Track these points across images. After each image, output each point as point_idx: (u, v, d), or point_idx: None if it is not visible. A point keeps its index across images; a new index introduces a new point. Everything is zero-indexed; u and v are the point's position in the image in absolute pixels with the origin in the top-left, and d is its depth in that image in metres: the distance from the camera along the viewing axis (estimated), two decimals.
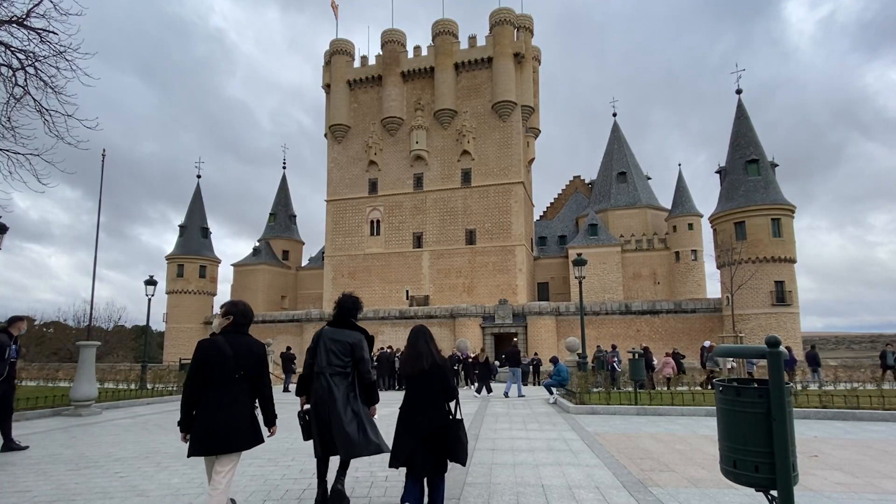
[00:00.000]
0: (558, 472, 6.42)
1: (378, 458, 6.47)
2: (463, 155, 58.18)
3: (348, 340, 4.80)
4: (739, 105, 46.38)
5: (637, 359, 13.81)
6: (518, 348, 20.45)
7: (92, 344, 12.93)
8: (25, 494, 5.53)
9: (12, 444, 8.11)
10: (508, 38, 57.95)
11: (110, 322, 61.87)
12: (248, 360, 4.20)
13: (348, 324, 4.95)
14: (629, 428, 10.10)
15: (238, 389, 4.15)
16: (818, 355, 22.88)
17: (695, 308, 46.48)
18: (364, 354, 4.82)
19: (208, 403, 4.06)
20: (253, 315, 4.52)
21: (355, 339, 4.82)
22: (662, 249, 58.90)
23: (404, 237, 59.08)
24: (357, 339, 4.83)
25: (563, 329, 47.83)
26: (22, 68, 10.04)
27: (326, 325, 5.02)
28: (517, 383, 18.33)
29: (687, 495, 5.45)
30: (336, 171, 62.26)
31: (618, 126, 69.03)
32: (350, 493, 5.35)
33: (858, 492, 5.62)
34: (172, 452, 7.85)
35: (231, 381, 4.13)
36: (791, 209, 42.75)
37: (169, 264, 61.10)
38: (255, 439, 4.17)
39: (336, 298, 5.14)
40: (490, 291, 54.92)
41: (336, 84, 62.07)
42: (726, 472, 3.64)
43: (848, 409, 11.60)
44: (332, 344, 4.78)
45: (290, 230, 73.58)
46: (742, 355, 4.38)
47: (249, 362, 4.21)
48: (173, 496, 5.44)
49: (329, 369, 4.72)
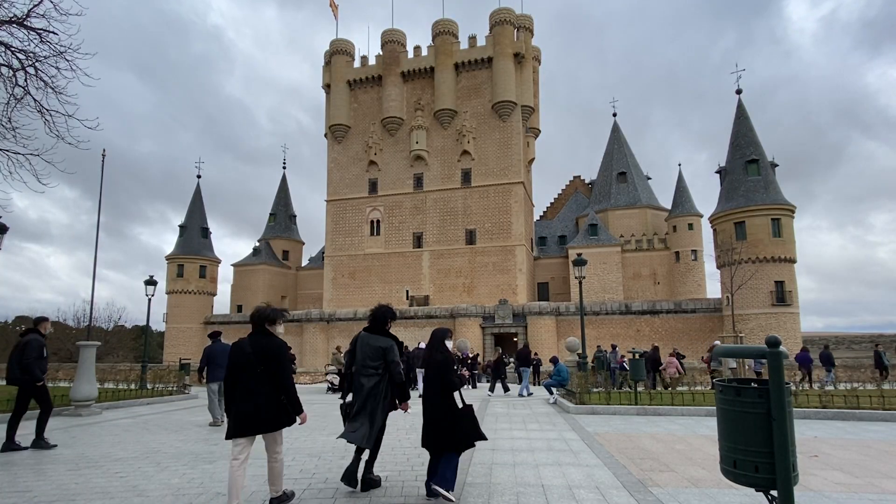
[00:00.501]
0: (558, 472, 6.42)
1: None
2: (463, 155, 58.18)
3: (380, 345, 5.55)
4: (739, 105, 46.39)
5: (637, 359, 13.81)
6: (529, 349, 20.51)
7: (92, 344, 12.93)
8: (25, 494, 5.53)
9: (43, 442, 8.25)
10: (508, 38, 57.95)
11: (110, 322, 61.86)
12: (267, 357, 4.77)
13: (382, 331, 5.69)
14: (629, 428, 10.10)
15: (259, 382, 4.73)
16: (832, 355, 22.85)
17: (695, 308, 46.48)
18: (394, 357, 5.54)
19: (235, 395, 4.77)
20: (276, 313, 5.04)
21: (387, 345, 5.56)
22: (662, 249, 58.89)
23: (404, 237, 59.07)
24: (388, 345, 5.57)
25: (563, 329, 47.83)
26: (22, 68, 10.04)
27: (363, 331, 5.79)
28: (524, 382, 18.77)
29: (687, 495, 5.45)
30: (336, 171, 62.26)
31: (618, 126, 69.08)
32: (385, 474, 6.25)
33: (858, 492, 5.62)
34: (172, 452, 7.86)
35: (253, 376, 4.74)
36: (791, 209, 42.75)
37: (169, 264, 61.08)
38: (279, 423, 4.76)
39: (372, 308, 5.88)
40: (490, 291, 54.92)
41: (336, 84, 62.07)
42: (726, 472, 3.65)
43: (848, 409, 11.60)
44: (367, 348, 5.57)
45: (290, 230, 73.59)
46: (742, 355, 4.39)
47: (268, 359, 4.77)
48: (173, 496, 5.44)
49: (363, 370, 5.53)
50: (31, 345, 8.27)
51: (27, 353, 8.21)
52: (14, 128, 10.21)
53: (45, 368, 8.52)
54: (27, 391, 8.36)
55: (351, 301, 58.47)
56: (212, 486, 5.81)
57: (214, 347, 11.54)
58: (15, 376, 8.26)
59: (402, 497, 5.31)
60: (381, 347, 5.54)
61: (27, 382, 8.28)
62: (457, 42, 59.80)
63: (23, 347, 8.26)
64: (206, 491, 5.62)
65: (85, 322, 48.52)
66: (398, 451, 7.77)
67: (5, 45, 9.89)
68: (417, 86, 60.67)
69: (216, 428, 10.61)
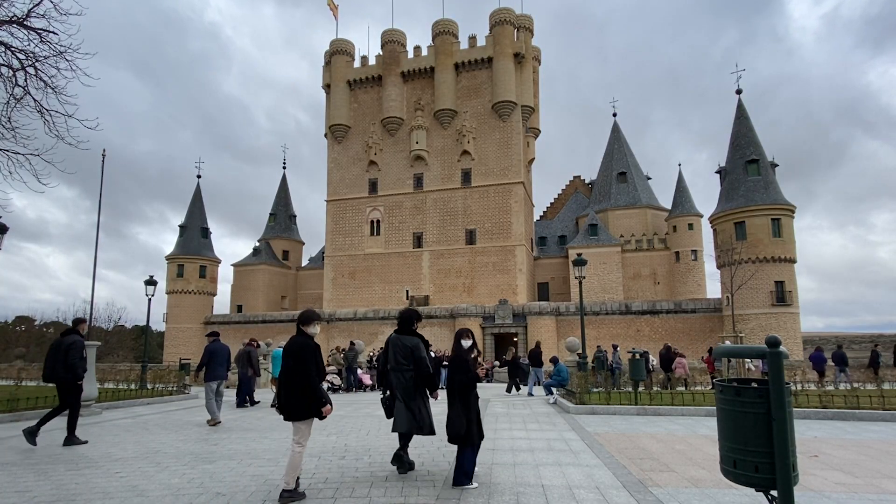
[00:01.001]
0: (558, 472, 6.42)
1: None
2: (463, 155, 58.18)
3: (408, 344, 6.28)
4: (739, 105, 46.42)
5: (637, 359, 13.82)
6: (540, 349, 20.55)
7: (92, 344, 12.92)
8: (25, 494, 5.53)
9: (75, 439, 8.61)
10: (508, 38, 57.95)
11: (110, 322, 61.95)
12: (290, 354, 5.51)
13: (409, 331, 6.41)
14: (629, 428, 10.10)
15: (287, 376, 5.47)
16: (846, 355, 23.02)
17: (695, 308, 46.49)
18: (421, 354, 6.25)
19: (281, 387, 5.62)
20: (309, 316, 5.77)
21: (414, 344, 6.29)
22: (662, 249, 58.90)
23: (404, 237, 59.08)
24: (415, 343, 6.29)
25: (563, 329, 47.84)
26: (22, 68, 10.04)
27: (393, 333, 6.53)
28: (529, 383, 18.92)
29: (687, 495, 5.45)
30: (336, 171, 62.26)
31: (618, 126, 69.09)
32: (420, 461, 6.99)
33: (858, 492, 5.62)
34: (172, 452, 7.86)
35: (286, 371, 5.49)
36: (791, 209, 42.76)
37: (169, 264, 61.07)
38: (297, 414, 5.39)
39: (400, 311, 6.66)
40: (490, 291, 54.92)
41: (336, 84, 62.07)
42: (726, 472, 3.65)
43: (848, 409, 11.60)
44: (398, 348, 6.30)
45: (290, 230, 73.59)
46: (742, 355, 4.39)
47: (293, 356, 5.48)
48: (173, 496, 5.43)
49: (396, 367, 6.27)
50: (75, 345, 8.72)
51: (72, 353, 8.65)
52: (14, 128, 10.22)
53: (86, 368, 9.06)
54: (68, 388, 8.70)
55: (351, 301, 58.48)
56: (212, 486, 5.81)
57: (215, 346, 11.70)
58: (59, 375, 8.62)
59: (402, 497, 5.32)
60: (409, 346, 6.25)
61: (70, 381, 8.67)
62: (457, 42, 59.80)
63: (67, 348, 8.67)
64: (206, 491, 5.62)
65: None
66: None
67: (5, 45, 9.89)
68: (417, 86, 60.67)
69: (216, 427, 10.61)
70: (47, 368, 8.70)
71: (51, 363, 8.66)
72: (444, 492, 5.49)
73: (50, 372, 8.67)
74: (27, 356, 41.84)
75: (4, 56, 9.95)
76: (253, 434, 9.75)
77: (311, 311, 5.85)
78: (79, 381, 8.74)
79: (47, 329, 64.00)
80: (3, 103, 10.11)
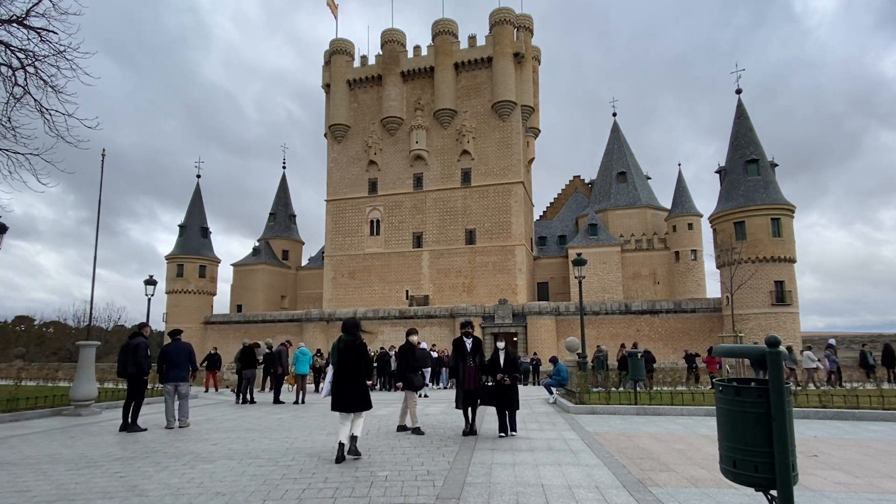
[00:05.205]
0: (558, 472, 6.42)
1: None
2: (463, 155, 58.19)
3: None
4: (739, 105, 46.41)
5: (638, 359, 13.82)
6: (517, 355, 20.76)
7: (92, 344, 12.94)
8: (25, 494, 5.53)
9: (136, 427, 10.00)
10: (508, 38, 57.94)
11: (110, 322, 61.95)
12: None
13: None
14: (629, 428, 10.10)
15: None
16: (869, 354, 23.40)
17: (695, 308, 46.49)
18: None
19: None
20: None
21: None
22: (662, 249, 58.91)
23: (404, 237, 59.08)
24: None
25: (563, 329, 47.84)
26: (22, 68, 10.04)
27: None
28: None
29: (687, 495, 5.45)
30: (336, 171, 62.26)
31: (618, 126, 69.11)
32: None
33: (858, 492, 5.62)
34: (172, 452, 7.85)
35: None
36: (791, 209, 42.78)
37: (168, 264, 61.06)
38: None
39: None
40: (490, 291, 54.92)
41: (336, 84, 62.07)
42: (726, 471, 3.65)
43: (848, 409, 11.60)
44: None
45: (289, 230, 73.59)
46: (741, 355, 4.39)
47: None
48: (173, 496, 5.43)
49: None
50: (142, 346, 10.33)
51: (139, 352, 10.25)
52: (14, 127, 10.21)
53: (151, 365, 10.60)
54: (136, 383, 10.26)
55: (351, 301, 58.47)
56: (212, 486, 5.80)
57: (170, 347, 10.80)
58: (130, 371, 10.19)
59: (402, 497, 5.32)
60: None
61: (138, 376, 10.27)
62: (457, 42, 59.80)
63: (135, 348, 10.25)
64: (205, 491, 5.62)
65: (84, 322, 48.50)
66: (397, 451, 7.77)
67: (5, 45, 9.89)
68: (417, 85, 60.66)
69: (216, 428, 10.61)
70: (120, 366, 10.31)
71: (122, 361, 10.23)
72: (445, 491, 5.49)
73: (122, 368, 10.27)
74: (27, 356, 41.82)
75: (4, 55, 9.95)
76: (253, 434, 9.75)
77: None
78: (144, 375, 10.33)
79: (47, 329, 63.99)
80: (3, 103, 10.11)
